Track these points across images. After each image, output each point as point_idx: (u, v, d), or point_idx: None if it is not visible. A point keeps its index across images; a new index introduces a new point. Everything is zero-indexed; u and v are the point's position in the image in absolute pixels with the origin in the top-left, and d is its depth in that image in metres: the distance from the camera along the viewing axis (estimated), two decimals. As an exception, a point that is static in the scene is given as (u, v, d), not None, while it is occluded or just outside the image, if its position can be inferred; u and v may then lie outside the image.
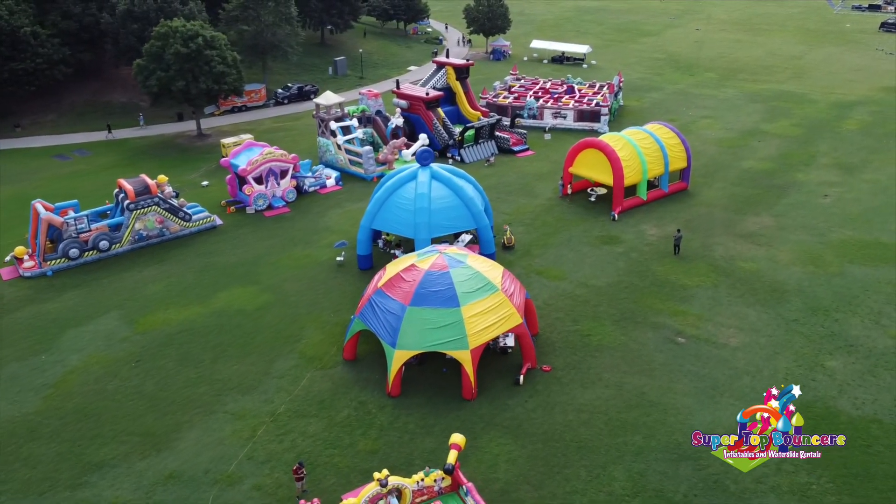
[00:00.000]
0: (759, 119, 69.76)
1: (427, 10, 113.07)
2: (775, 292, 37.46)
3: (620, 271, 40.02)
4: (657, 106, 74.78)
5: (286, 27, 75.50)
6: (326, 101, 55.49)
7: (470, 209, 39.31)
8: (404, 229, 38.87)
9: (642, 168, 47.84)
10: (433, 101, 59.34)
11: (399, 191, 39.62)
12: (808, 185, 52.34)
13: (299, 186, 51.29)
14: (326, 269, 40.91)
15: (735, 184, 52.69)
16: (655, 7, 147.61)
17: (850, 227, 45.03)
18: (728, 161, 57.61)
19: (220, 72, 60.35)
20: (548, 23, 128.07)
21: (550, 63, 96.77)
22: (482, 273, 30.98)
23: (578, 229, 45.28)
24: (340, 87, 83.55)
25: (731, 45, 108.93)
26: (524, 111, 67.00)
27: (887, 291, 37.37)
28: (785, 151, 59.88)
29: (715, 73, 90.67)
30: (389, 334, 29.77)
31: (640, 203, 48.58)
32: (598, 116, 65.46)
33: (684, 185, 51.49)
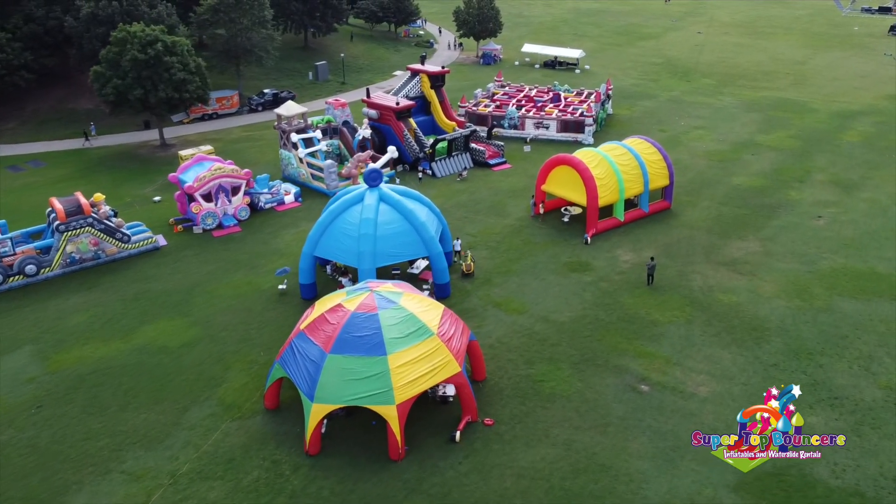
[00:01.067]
0: (754, 130, 65.90)
1: (418, 11, 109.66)
2: (755, 331, 33.80)
3: (586, 304, 36.47)
4: (648, 115, 71.04)
5: (261, 31, 72.32)
6: (287, 112, 52.20)
7: (421, 235, 35.89)
8: (347, 258, 35.50)
9: (619, 187, 44.26)
10: (404, 111, 55.96)
11: (344, 215, 36.25)
12: (801, 204, 48.54)
13: (254, 203, 48.05)
14: (266, 299, 37.60)
15: (722, 202, 48.96)
16: (658, 9, 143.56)
17: (843, 254, 41.25)
18: (717, 177, 53.86)
19: (180, 79, 57.17)
20: (545, 25, 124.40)
21: (542, 68, 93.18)
22: (416, 315, 27.55)
23: (546, 254, 41.75)
24: (320, 93, 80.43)
25: (732, 50, 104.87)
26: (504, 121, 63.47)
27: (880, 331, 33.65)
28: (779, 166, 56.05)
29: (712, 80, 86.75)
30: (308, 384, 26.42)
31: (616, 224, 44.98)
32: (582, 127, 61.85)
33: (667, 205, 47.83)
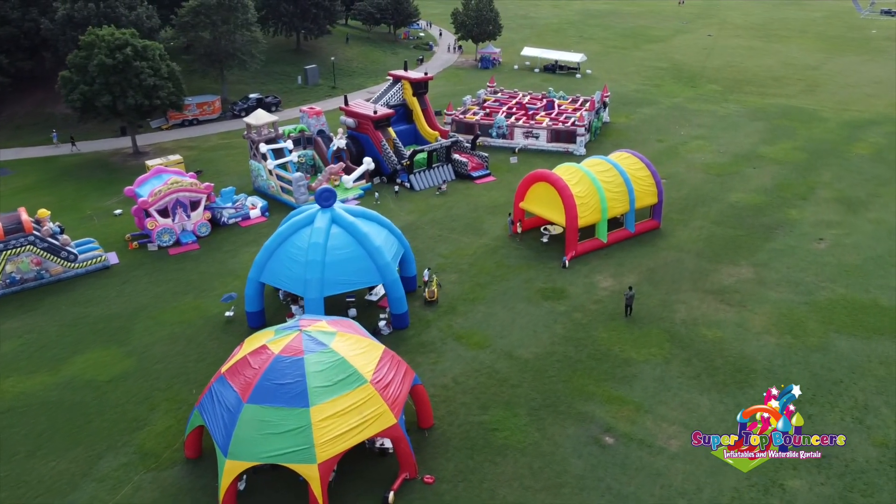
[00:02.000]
0: (758, 140, 62.27)
1: (418, 13, 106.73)
2: (739, 373, 30.52)
3: (556, 338, 33.34)
4: (647, 123, 67.60)
5: (244, 34, 69.78)
6: (256, 121, 49.47)
7: (375, 261, 32.96)
8: (294, 285, 32.65)
9: (601, 206, 41.06)
10: (382, 120, 53.07)
11: (293, 238, 33.41)
12: (802, 224, 45.02)
13: (216, 218, 45.40)
14: (211, 327, 34.85)
15: (716, 222, 45.55)
16: (669, 11, 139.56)
17: (843, 283, 37.77)
18: (713, 192, 50.42)
19: (150, 85, 54.68)
20: (550, 27, 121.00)
21: (542, 72, 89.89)
22: (348, 360, 24.61)
23: (520, 279, 38.66)
24: (308, 97, 77.80)
25: (741, 53, 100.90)
26: (493, 130, 60.38)
27: (879, 375, 30.25)
28: (781, 181, 52.47)
29: (719, 85, 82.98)
30: (223, 436, 23.60)
31: (599, 246, 41.77)
32: (574, 137, 58.61)
33: (655, 224, 44.54)
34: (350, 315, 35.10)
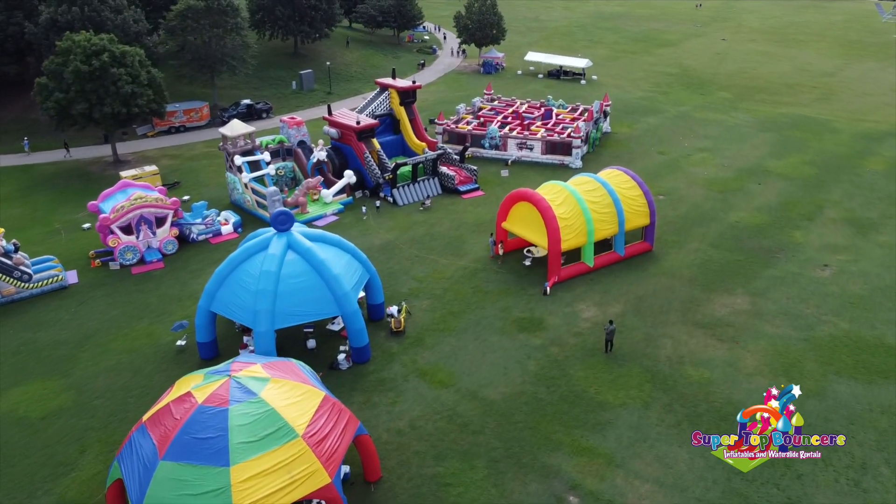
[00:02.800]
0: (765, 153, 59.10)
1: (422, 16, 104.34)
2: (724, 421, 27.72)
3: (528, 376, 30.73)
4: (649, 134, 64.61)
5: (234, 38, 67.75)
6: (231, 132, 47.31)
7: (333, 291, 30.55)
8: (244, 316, 30.33)
9: (587, 228, 38.35)
10: (365, 131, 50.70)
11: (245, 265, 31.10)
12: (806, 249, 41.96)
13: (185, 235, 43.29)
14: (160, 358, 32.65)
15: (714, 244, 42.63)
16: (683, 13, 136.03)
17: (847, 316, 34.76)
18: (713, 211, 47.45)
19: (128, 93, 52.75)
20: (559, 30, 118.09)
21: (546, 78, 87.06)
22: (279, 411, 22.20)
23: (496, 307, 36.07)
24: (302, 103, 75.76)
25: (756, 59, 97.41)
26: (485, 140, 57.78)
27: (880, 428, 27.32)
28: (787, 199, 49.36)
29: (729, 93, 79.70)
30: (137, 495, 21.30)
31: (584, 271, 39.07)
32: (569, 149, 55.84)
33: (647, 247, 41.71)
34: (308, 347, 32.79)
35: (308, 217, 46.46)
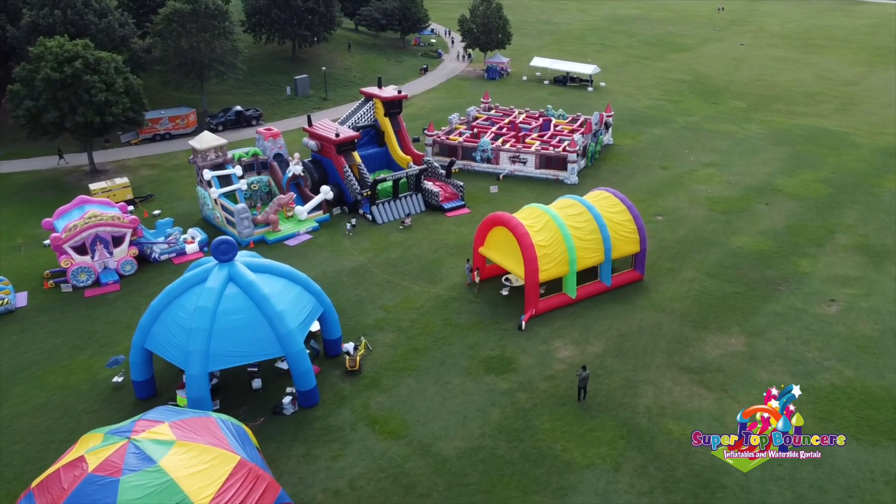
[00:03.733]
0: (776, 169, 55.38)
1: (427, 18, 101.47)
2: (704, 489, 24.52)
3: (489, 428, 27.73)
4: (654, 146, 61.11)
5: (223, 42, 65.38)
6: (200, 145, 44.82)
7: (275, 329, 27.81)
8: (176, 356, 27.69)
9: (569, 257, 35.21)
10: (346, 144, 47.94)
11: (181, 298, 28.48)
12: (812, 280, 38.41)
13: (145, 254, 40.88)
14: (95, 395, 30.13)
15: (711, 273, 39.24)
16: (702, 16, 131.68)
17: (852, 362, 31.27)
18: (714, 234, 44.01)
19: (102, 101, 50.52)
20: (571, 34, 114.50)
21: (552, 85, 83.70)
22: (179, 481, 19.50)
23: (465, 343, 33.08)
24: (296, 110, 73.22)
25: (774, 65, 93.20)
26: (476, 153, 54.75)
27: (884, 502, 23.91)
28: (795, 221, 45.74)
29: (743, 102, 75.81)
30: (14, 579, 18.76)
31: (566, 303, 35.93)
32: (565, 163, 52.62)
33: (637, 276, 38.46)
34: (254, 387, 30.11)
35: (280, 235, 43.86)
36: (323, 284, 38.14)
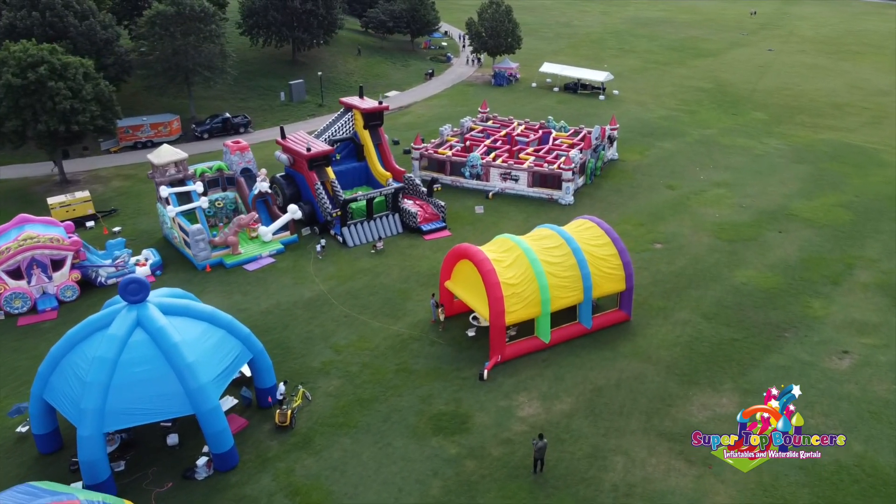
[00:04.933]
0: (794, 191, 50.53)
1: (438, 21, 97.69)
2: None
3: (429, 502, 23.90)
4: (662, 162, 56.55)
5: (210, 46, 62.33)
6: (158, 159, 41.65)
7: (184, 384, 24.31)
8: (71, 412, 24.32)
9: (541, 297, 31.20)
10: (318, 159, 44.42)
11: (83, 345, 25.12)
12: (824, 326, 33.82)
13: (90, 278, 37.83)
14: (-6, 447, 27.03)
15: (708, 315, 34.86)
16: (729, 19, 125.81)
17: (863, 433, 26.77)
18: (717, 267, 39.55)
19: (67, 109, 47.72)
20: (589, 37, 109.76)
21: (562, 92, 79.30)
22: None
23: (417, 394, 29.27)
24: (289, 116, 70.03)
25: (802, 73, 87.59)
26: (465, 168, 50.84)
27: None
28: (811, 253, 41.05)
29: (765, 113, 70.69)
30: None
31: (538, 348, 31.91)
32: (559, 182, 48.45)
33: (623, 317, 34.25)
34: (169, 443, 26.67)
35: (239, 259, 40.50)
36: (275, 318, 34.94)
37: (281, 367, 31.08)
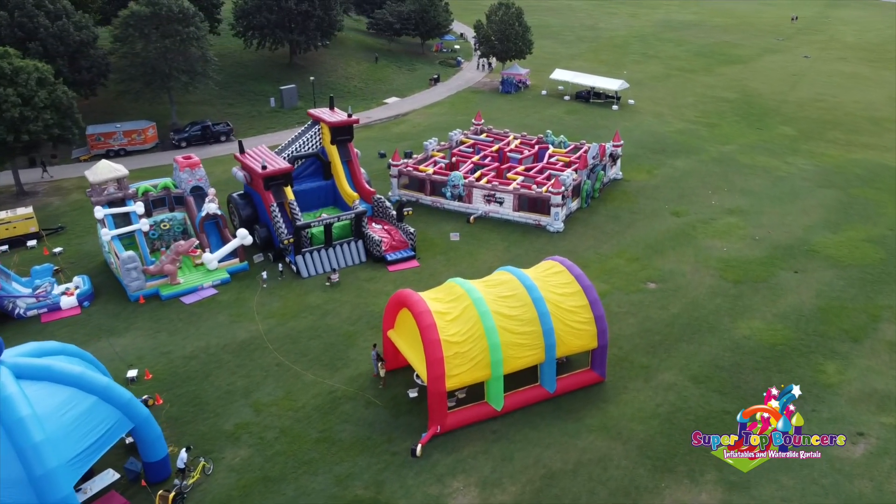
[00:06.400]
0: (818, 221, 44.62)
1: (449, 23, 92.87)
2: None
3: None
4: (671, 184, 50.96)
5: (192, 50, 58.54)
6: (95, 177, 37.74)
7: (28, 470, 20.05)
8: None
9: (490, 357, 26.31)
10: (276, 177, 40.09)
11: (-84, 414, 21.05)
12: (837, 398, 28.25)
13: (6, 310, 34.03)
14: None
15: (699, 378, 29.53)
16: (767, 23, 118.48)
17: (875, 553, 21.44)
18: (717, 315, 34.10)
19: (15, 117, 44.25)
20: (613, 41, 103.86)
21: (573, 101, 73.83)
22: None
23: (333, 473, 24.63)
24: (277, 124, 66.07)
25: (839, 83, 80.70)
26: (447, 188, 46.04)
27: None
28: (830, 300, 35.30)
29: (793, 128, 64.42)
30: None
31: (488, 416, 27.02)
32: (547, 206, 43.35)
33: (595, 378, 29.15)
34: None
35: (177, 290, 36.37)
36: (198, 364, 30.77)
37: (189, 428, 26.84)
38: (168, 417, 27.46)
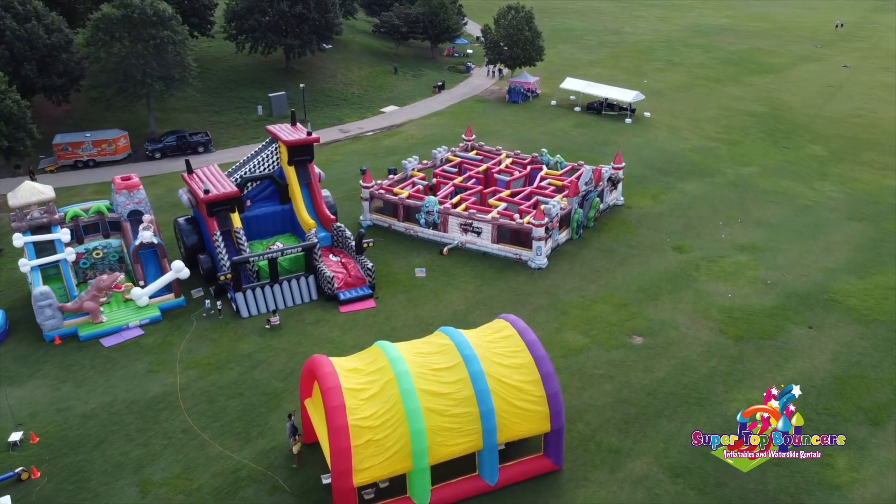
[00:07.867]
0: (842, 262, 38.80)
1: (460, 26, 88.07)
2: None
3: None
4: (678, 211, 45.44)
5: (168, 54, 54.79)
6: (16, 200, 34.01)
7: None
8: None
9: (412, 447, 21.56)
10: (221, 202, 35.90)
11: None
12: (847, 501, 23.02)
13: None
14: None
15: (677, 469, 24.35)
16: (806, 29, 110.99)
17: None
18: (710, 383, 28.76)
19: (-44, 127, 41.14)
20: (636, 47, 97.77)
21: (584, 112, 68.43)
22: None
23: (209, 588, 20.24)
24: (262, 134, 61.65)
25: (880, 96, 73.78)
26: (420, 215, 41.35)
27: None
28: (848, 368, 29.68)
29: (824, 148, 58.18)
30: None
31: (410, 514, 22.35)
32: (528, 240, 38.35)
33: (549, 466, 24.17)
34: None
35: (97, 330, 32.36)
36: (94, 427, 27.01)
37: (59, 512, 22.70)
38: (40, 497, 23.40)
